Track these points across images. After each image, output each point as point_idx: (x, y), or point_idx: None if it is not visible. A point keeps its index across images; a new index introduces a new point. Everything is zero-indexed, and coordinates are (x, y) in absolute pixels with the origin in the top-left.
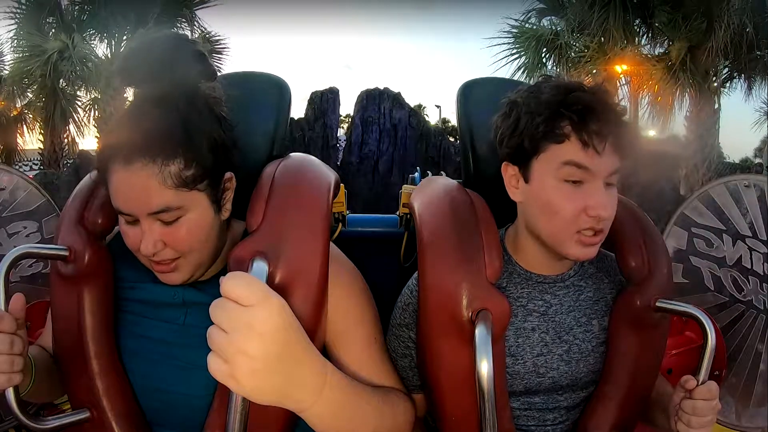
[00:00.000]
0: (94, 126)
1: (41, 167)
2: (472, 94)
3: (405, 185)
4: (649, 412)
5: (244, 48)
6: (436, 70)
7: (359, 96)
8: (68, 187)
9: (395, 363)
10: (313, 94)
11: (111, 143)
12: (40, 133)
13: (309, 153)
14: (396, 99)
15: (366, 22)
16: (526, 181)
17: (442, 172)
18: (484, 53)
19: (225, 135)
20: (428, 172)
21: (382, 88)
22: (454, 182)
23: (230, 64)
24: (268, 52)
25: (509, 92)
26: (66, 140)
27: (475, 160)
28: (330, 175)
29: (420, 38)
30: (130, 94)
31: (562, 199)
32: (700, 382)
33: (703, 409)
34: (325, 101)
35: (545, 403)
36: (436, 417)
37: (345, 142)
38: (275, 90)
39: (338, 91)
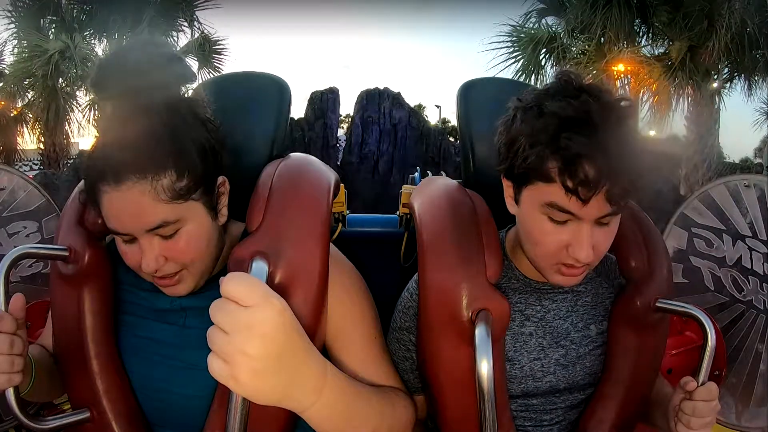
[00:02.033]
0: (93, 126)
1: (41, 167)
2: (472, 94)
3: (405, 185)
4: (650, 412)
5: (244, 48)
6: (436, 70)
7: (359, 96)
8: (68, 187)
9: (396, 366)
10: (313, 94)
11: (97, 164)
12: (41, 133)
13: (309, 153)
14: (396, 99)
15: (365, 22)
16: (516, 202)
17: (442, 172)
18: (485, 53)
19: (213, 138)
20: (428, 172)
21: (381, 88)
22: (454, 182)
23: (230, 64)
24: (269, 52)
25: (510, 93)
26: (66, 140)
27: (475, 160)
28: (330, 175)
29: (420, 38)
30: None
31: (544, 233)
32: (700, 383)
33: (702, 410)
34: (325, 101)
35: (543, 405)
36: (436, 417)
37: (345, 142)
38: (275, 90)
39: (338, 91)
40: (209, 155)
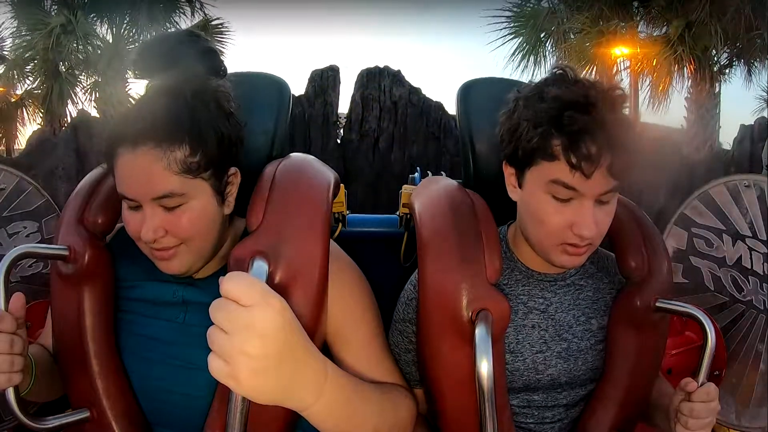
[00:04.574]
0: (95, 107)
1: None
2: (472, 94)
3: (405, 185)
4: (651, 413)
5: (244, 48)
6: (436, 68)
7: (359, 74)
8: (65, 145)
9: (398, 358)
10: (313, 72)
11: (119, 128)
12: (41, 117)
13: (309, 129)
14: (396, 77)
15: (363, 21)
16: (520, 186)
17: (442, 173)
18: (484, 50)
19: (232, 130)
20: (428, 172)
21: (381, 66)
22: (454, 182)
23: (232, 51)
24: (268, 52)
25: (509, 92)
26: (66, 120)
27: (475, 160)
28: (330, 175)
29: (419, 37)
30: (130, 76)
31: (549, 213)
32: (699, 383)
33: (700, 411)
34: (325, 79)
35: (544, 401)
36: (435, 416)
37: (345, 120)
38: (275, 90)
39: (338, 68)
40: (225, 142)
